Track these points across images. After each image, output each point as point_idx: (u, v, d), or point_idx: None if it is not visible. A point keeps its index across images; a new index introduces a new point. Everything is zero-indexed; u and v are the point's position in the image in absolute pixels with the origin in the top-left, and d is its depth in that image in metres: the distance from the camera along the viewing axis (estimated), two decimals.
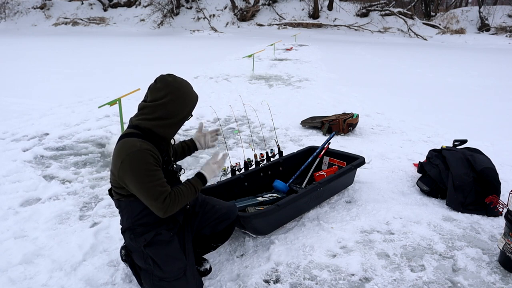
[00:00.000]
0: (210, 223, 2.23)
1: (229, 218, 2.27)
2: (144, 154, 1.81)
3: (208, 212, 2.24)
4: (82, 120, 5.53)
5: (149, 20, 26.20)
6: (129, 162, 1.80)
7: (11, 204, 3.12)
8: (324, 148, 3.66)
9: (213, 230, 2.25)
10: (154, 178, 1.82)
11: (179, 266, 1.99)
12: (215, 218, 2.24)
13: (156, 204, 1.83)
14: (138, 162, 1.80)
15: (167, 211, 1.85)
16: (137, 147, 1.82)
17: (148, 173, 1.81)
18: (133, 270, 2.15)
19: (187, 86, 1.97)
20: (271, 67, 10.97)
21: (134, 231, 2.00)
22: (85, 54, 13.45)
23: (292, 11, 26.85)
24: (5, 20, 26.72)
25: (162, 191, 1.83)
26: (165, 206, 1.84)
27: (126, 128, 2.00)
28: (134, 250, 2.05)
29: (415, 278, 2.32)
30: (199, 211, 2.23)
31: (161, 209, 1.84)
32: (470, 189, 3.08)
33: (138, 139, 1.86)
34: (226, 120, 5.75)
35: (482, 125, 5.58)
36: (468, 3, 32.98)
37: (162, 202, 1.82)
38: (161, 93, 1.89)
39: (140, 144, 1.83)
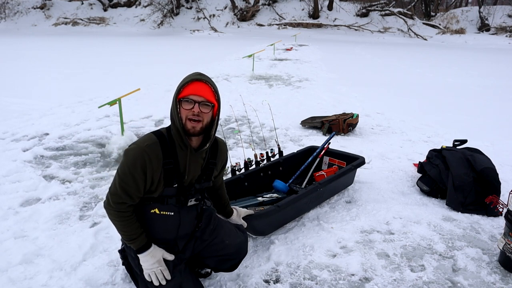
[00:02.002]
0: (215, 257, 2.08)
1: (236, 258, 2.14)
2: (140, 154, 1.73)
3: (216, 245, 2.05)
4: (82, 120, 5.53)
5: (149, 20, 26.21)
6: (127, 150, 1.77)
7: (11, 204, 3.12)
8: (324, 148, 3.66)
9: (217, 265, 2.13)
10: (126, 181, 1.74)
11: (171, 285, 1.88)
12: (222, 255, 2.07)
13: (109, 197, 1.79)
14: (130, 156, 1.74)
15: (106, 209, 1.82)
16: (143, 145, 1.75)
17: (125, 173, 1.74)
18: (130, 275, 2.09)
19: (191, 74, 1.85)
20: (271, 67, 10.97)
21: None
22: (85, 54, 13.45)
23: (292, 11, 26.85)
24: (5, 20, 26.72)
25: (120, 196, 1.75)
26: (110, 207, 1.79)
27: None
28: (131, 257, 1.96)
29: (415, 278, 2.32)
30: (207, 240, 2.04)
31: (107, 204, 1.81)
32: (470, 189, 3.08)
33: (154, 139, 1.78)
34: (226, 120, 5.75)
35: (482, 125, 5.58)
36: (468, 3, 32.98)
37: (112, 202, 1.77)
38: None
39: (149, 145, 1.75)
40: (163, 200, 1.86)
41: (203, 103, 1.75)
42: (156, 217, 1.87)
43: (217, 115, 1.85)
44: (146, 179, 1.76)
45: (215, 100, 1.80)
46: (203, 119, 1.76)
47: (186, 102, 1.74)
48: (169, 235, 1.93)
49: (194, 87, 1.75)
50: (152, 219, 1.88)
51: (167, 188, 1.83)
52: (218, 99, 1.82)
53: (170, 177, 1.81)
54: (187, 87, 1.76)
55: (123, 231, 1.83)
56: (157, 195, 1.84)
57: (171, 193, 1.85)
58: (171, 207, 1.88)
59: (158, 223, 1.89)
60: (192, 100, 1.74)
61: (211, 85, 1.79)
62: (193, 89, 1.75)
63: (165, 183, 1.81)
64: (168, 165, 1.79)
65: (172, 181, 1.83)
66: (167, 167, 1.79)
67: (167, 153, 1.78)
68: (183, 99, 1.75)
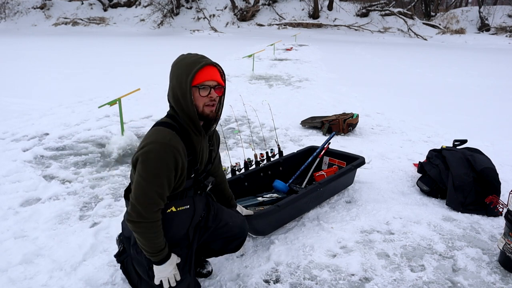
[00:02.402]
0: (221, 240, 2.11)
1: (240, 237, 2.17)
2: (168, 152, 1.62)
3: (221, 229, 2.09)
4: (82, 120, 5.53)
5: (149, 20, 26.21)
6: (149, 151, 1.62)
7: (11, 204, 3.12)
8: (324, 148, 3.66)
9: (222, 247, 2.16)
10: (159, 184, 1.63)
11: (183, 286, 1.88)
12: (227, 237, 2.12)
13: (141, 209, 1.64)
14: (157, 156, 1.61)
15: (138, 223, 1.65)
16: (165, 140, 1.63)
17: (157, 174, 1.62)
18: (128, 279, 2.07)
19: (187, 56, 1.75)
20: (271, 67, 10.97)
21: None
22: (85, 54, 13.45)
23: (292, 11, 26.86)
24: (5, 20, 26.72)
25: (156, 203, 1.65)
26: (144, 219, 1.64)
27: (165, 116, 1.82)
28: (137, 262, 1.90)
29: (415, 278, 2.32)
30: (212, 226, 2.07)
31: (139, 217, 1.64)
32: (470, 189, 3.08)
33: (172, 132, 1.67)
34: (226, 120, 5.75)
35: (482, 125, 5.58)
36: (468, 3, 32.98)
37: (147, 212, 1.63)
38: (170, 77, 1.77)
39: (171, 138, 1.64)
40: (183, 194, 1.81)
41: (217, 87, 1.74)
42: (173, 215, 1.82)
43: (223, 95, 1.85)
44: (176, 175, 1.69)
45: (223, 81, 1.80)
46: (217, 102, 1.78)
47: (203, 89, 1.71)
48: (183, 229, 1.92)
49: (207, 73, 1.71)
50: (169, 219, 1.82)
51: (187, 181, 1.80)
52: (224, 79, 1.83)
53: (190, 168, 1.77)
54: (200, 73, 1.70)
55: (154, 243, 1.71)
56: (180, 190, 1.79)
57: (189, 184, 1.83)
58: (188, 199, 1.85)
59: (175, 222, 1.85)
60: (208, 86, 1.72)
61: (218, 67, 1.79)
62: (207, 74, 1.71)
63: (187, 176, 1.77)
64: (190, 156, 1.75)
65: (191, 172, 1.79)
66: (189, 158, 1.74)
67: (187, 144, 1.73)
68: (200, 86, 1.70)
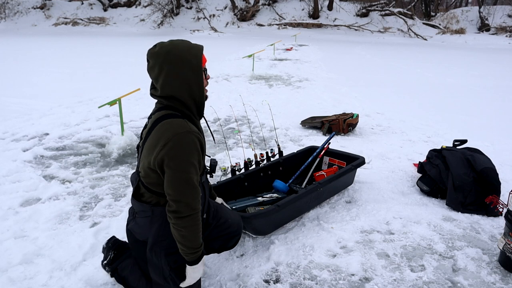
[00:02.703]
0: (221, 237, 2.12)
1: (239, 234, 2.21)
2: (193, 138, 1.60)
3: (221, 226, 2.11)
4: (82, 120, 5.53)
5: (149, 20, 26.20)
6: (175, 144, 1.57)
7: (11, 204, 3.12)
8: (324, 148, 3.67)
9: (222, 244, 2.16)
10: (196, 171, 1.61)
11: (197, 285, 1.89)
12: (227, 233, 2.13)
13: (187, 201, 1.60)
14: (186, 146, 1.58)
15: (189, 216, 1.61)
16: (186, 128, 1.61)
17: (192, 162, 1.59)
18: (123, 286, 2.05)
19: (179, 44, 1.71)
20: (271, 67, 10.97)
21: (161, 244, 1.79)
22: (85, 54, 13.45)
23: (292, 11, 26.85)
24: (5, 20, 26.72)
25: (198, 190, 1.62)
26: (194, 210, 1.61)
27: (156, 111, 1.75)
28: (154, 265, 1.85)
29: (415, 278, 2.32)
30: (212, 223, 2.09)
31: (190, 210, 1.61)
32: (470, 189, 3.08)
33: (184, 120, 1.64)
34: (226, 120, 5.75)
35: (482, 125, 5.58)
36: (468, 3, 32.98)
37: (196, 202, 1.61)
38: (156, 69, 1.67)
39: (185, 125, 1.61)
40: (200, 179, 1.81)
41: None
42: None
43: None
44: (203, 157, 1.72)
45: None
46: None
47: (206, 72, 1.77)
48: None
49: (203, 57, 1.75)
50: None
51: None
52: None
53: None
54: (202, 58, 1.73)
55: (199, 236, 1.70)
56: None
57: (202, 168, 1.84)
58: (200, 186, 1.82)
59: None
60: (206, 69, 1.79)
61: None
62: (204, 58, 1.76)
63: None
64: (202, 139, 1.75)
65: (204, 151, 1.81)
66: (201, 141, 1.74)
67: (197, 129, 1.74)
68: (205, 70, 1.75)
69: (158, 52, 1.67)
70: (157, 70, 1.67)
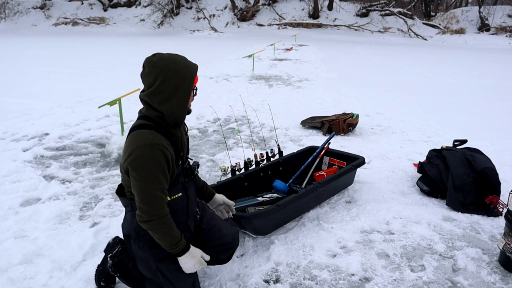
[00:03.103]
0: (213, 248, 2.10)
1: (232, 248, 2.19)
2: (155, 150, 1.69)
3: (214, 234, 2.11)
4: (82, 120, 5.54)
5: (149, 20, 26.21)
6: (137, 156, 1.68)
7: (11, 204, 3.12)
8: (324, 148, 3.67)
9: (214, 256, 2.11)
10: (157, 180, 1.71)
11: (189, 281, 1.91)
12: (219, 245, 2.13)
13: (147, 209, 1.71)
14: (147, 158, 1.68)
15: (148, 222, 1.72)
16: (149, 141, 1.70)
17: (154, 175, 1.69)
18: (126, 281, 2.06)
19: (178, 60, 1.80)
20: (271, 67, 10.97)
21: (144, 237, 1.86)
22: (85, 54, 13.45)
23: (292, 11, 26.85)
24: (5, 20, 26.73)
25: (160, 199, 1.71)
26: (153, 216, 1.71)
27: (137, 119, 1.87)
28: (140, 259, 1.92)
29: (415, 278, 2.32)
30: (205, 228, 2.10)
31: (149, 216, 1.70)
32: (470, 189, 3.08)
33: (151, 131, 1.74)
34: (226, 120, 5.75)
35: (482, 125, 5.58)
36: (468, 3, 32.98)
37: (154, 209, 1.70)
38: (151, 77, 1.75)
39: (153, 138, 1.71)
40: (175, 181, 1.87)
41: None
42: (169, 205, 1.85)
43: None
44: (169, 168, 1.78)
45: None
46: None
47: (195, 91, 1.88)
48: (182, 217, 1.95)
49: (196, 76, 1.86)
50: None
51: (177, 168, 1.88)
52: None
53: (177, 156, 1.86)
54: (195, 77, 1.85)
55: (170, 236, 1.77)
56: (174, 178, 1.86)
57: (179, 171, 1.89)
58: (179, 186, 1.91)
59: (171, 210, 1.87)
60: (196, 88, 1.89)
61: None
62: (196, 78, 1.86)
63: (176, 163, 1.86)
64: (173, 145, 1.83)
65: (178, 159, 1.87)
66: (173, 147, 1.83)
67: (167, 137, 1.81)
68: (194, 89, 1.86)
69: (156, 62, 1.75)
70: (152, 79, 1.75)
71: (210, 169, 3.95)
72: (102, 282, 2.16)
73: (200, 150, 4.51)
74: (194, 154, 4.38)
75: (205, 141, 4.83)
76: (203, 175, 3.80)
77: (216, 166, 4.01)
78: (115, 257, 2.09)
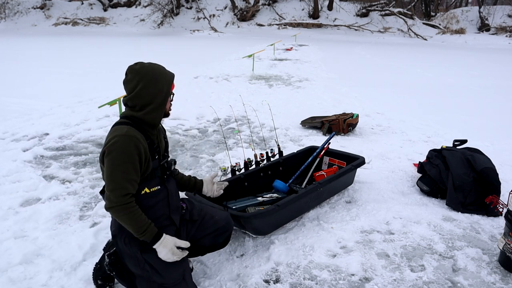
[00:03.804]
0: (210, 235, 2.20)
1: (228, 230, 2.27)
2: (128, 141, 1.82)
3: (207, 222, 2.21)
4: (82, 120, 5.54)
5: (149, 20, 26.21)
6: (110, 145, 1.82)
7: (11, 204, 3.12)
8: (324, 148, 3.66)
9: (213, 242, 2.23)
10: (124, 169, 1.81)
11: (179, 271, 1.95)
12: (215, 230, 2.21)
13: (110, 195, 1.80)
14: (118, 147, 1.81)
15: (111, 208, 1.82)
16: (124, 132, 1.84)
17: (122, 162, 1.80)
18: (121, 280, 2.08)
19: (157, 69, 1.97)
20: (271, 67, 10.98)
21: (127, 232, 1.91)
22: (85, 54, 13.45)
23: (292, 11, 26.85)
24: (5, 20, 26.73)
25: (124, 187, 1.81)
26: (114, 203, 1.80)
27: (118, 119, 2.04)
28: (128, 256, 1.98)
29: (415, 278, 2.32)
30: (198, 220, 2.19)
31: (111, 203, 1.81)
32: (470, 189, 3.08)
33: (128, 126, 1.89)
34: (226, 120, 5.75)
35: (482, 125, 5.57)
36: (468, 3, 32.97)
37: (116, 197, 1.80)
38: (133, 83, 1.91)
39: (127, 130, 1.85)
40: (152, 175, 1.97)
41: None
42: (148, 196, 1.96)
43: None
44: (141, 160, 1.87)
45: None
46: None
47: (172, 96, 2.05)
48: (164, 209, 2.02)
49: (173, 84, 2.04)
50: (145, 200, 1.95)
51: (153, 162, 1.97)
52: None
53: (152, 150, 1.97)
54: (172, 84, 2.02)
55: (134, 224, 1.85)
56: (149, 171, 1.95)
57: (156, 164, 1.99)
58: (157, 180, 2.00)
59: (151, 202, 1.97)
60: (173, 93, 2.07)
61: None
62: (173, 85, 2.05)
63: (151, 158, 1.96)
64: (148, 139, 1.95)
65: (154, 154, 1.98)
66: (148, 141, 1.95)
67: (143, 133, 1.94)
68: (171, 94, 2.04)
69: (138, 70, 1.93)
70: (133, 84, 1.92)
71: (210, 169, 3.95)
72: (99, 281, 2.17)
73: (200, 150, 4.51)
74: (194, 154, 4.38)
75: (205, 141, 4.83)
76: (203, 175, 3.80)
77: (216, 166, 4.01)
78: (112, 255, 2.09)
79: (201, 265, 2.43)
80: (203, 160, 4.20)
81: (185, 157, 4.28)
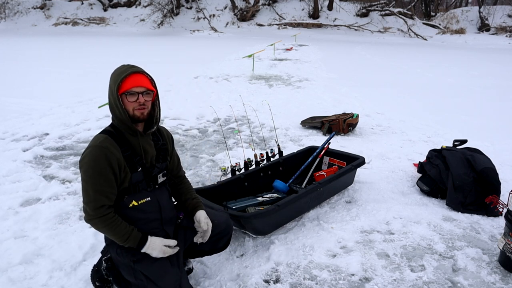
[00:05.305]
0: (211, 239, 2.13)
1: (228, 233, 2.22)
2: (99, 153, 1.79)
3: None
4: (82, 120, 5.54)
5: (149, 20, 26.21)
6: (83, 157, 1.81)
7: (11, 204, 3.12)
8: (324, 148, 3.66)
9: (213, 246, 2.19)
10: (95, 181, 1.77)
11: (174, 279, 1.90)
12: (215, 234, 2.15)
13: (86, 208, 1.79)
14: (89, 159, 1.79)
15: (90, 221, 1.81)
16: (96, 143, 1.82)
17: (93, 175, 1.78)
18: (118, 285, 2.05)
19: (116, 69, 1.94)
20: (271, 67, 10.98)
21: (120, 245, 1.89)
22: (85, 54, 13.45)
23: (292, 11, 26.86)
24: (5, 20, 26.73)
25: (97, 200, 1.78)
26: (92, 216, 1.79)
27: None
28: (122, 265, 1.95)
29: (415, 278, 2.32)
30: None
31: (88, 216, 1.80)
32: (470, 189, 3.08)
33: (104, 135, 1.87)
34: (226, 120, 5.75)
35: (482, 125, 5.57)
36: (468, 3, 32.98)
37: (92, 209, 1.78)
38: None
39: (101, 141, 1.82)
40: (135, 188, 1.91)
41: (145, 93, 1.89)
42: (136, 209, 1.91)
43: (157, 99, 2.01)
44: (114, 172, 1.82)
45: (153, 87, 1.95)
46: (147, 106, 1.92)
47: (131, 95, 1.86)
48: (155, 222, 1.97)
49: (134, 80, 1.87)
50: (133, 213, 1.91)
51: (134, 174, 1.90)
52: (154, 85, 1.97)
53: (132, 162, 1.89)
54: (126, 81, 1.86)
55: (114, 234, 1.84)
56: (128, 184, 1.88)
57: (140, 177, 1.92)
58: (145, 193, 1.94)
59: (140, 215, 1.92)
60: (136, 92, 1.86)
61: (146, 75, 1.94)
62: (134, 81, 1.87)
63: (131, 169, 1.88)
64: (126, 151, 1.88)
65: (136, 166, 1.90)
66: (126, 153, 1.88)
67: (120, 142, 1.88)
68: (127, 93, 1.86)
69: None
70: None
71: (210, 169, 3.95)
72: (97, 282, 2.16)
73: (200, 150, 4.51)
74: (194, 154, 4.38)
75: (205, 141, 4.83)
76: (203, 175, 3.80)
77: (216, 166, 4.01)
78: (109, 260, 2.08)
79: (201, 265, 2.43)
80: (203, 160, 4.20)
81: (185, 157, 4.28)
